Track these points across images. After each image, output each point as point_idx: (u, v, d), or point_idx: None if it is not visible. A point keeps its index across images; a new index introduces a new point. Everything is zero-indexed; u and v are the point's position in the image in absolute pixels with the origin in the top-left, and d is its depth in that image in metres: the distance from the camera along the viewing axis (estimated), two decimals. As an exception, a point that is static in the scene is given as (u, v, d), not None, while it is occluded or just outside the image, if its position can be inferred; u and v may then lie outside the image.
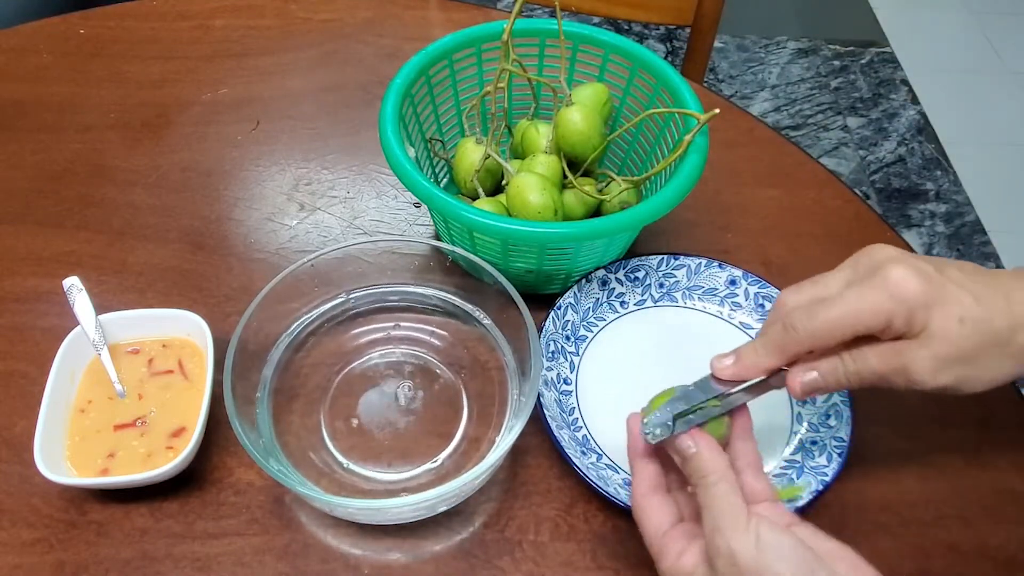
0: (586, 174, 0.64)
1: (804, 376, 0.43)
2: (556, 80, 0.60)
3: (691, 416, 0.42)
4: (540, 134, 0.62)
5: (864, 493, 0.53)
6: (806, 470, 0.51)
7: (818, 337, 0.42)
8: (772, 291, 0.59)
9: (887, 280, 0.41)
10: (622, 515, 0.51)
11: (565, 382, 0.56)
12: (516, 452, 0.54)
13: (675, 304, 0.61)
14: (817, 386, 0.43)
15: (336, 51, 0.84)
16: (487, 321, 0.58)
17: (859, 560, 0.37)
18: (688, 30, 1.01)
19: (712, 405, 0.43)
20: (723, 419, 0.43)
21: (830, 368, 0.43)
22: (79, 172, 0.71)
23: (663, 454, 0.44)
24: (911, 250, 0.48)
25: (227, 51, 0.84)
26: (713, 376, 0.45)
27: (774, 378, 0.44)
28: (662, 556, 0.41)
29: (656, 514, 0.42)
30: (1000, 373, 0.42)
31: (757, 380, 0.44)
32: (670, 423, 0.42)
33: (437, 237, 0.66)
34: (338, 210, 0.69)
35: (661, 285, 0.61)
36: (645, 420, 0.42)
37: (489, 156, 0.60)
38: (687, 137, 0.55)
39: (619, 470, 0.52)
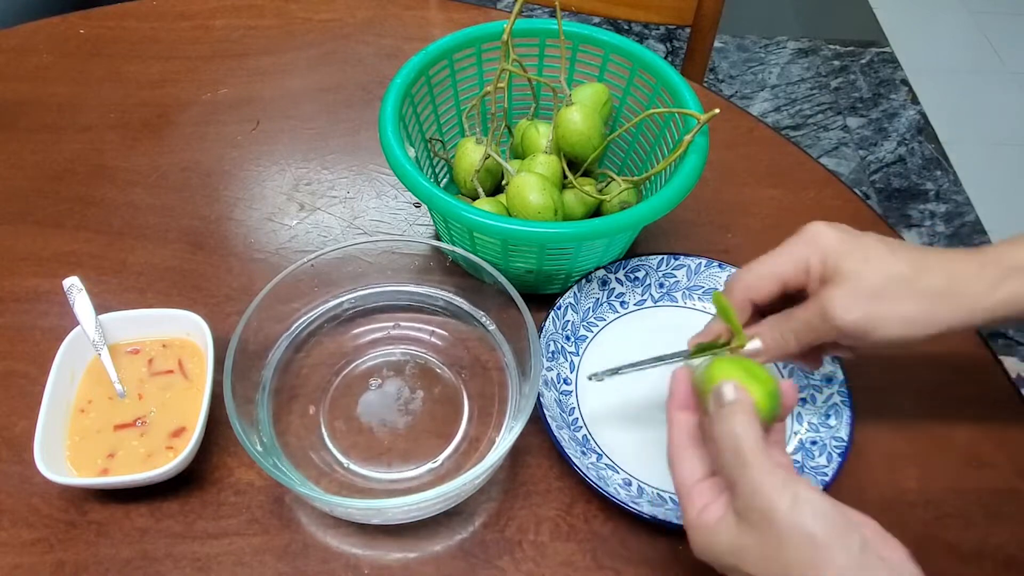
0: (586, 174, 0.64)
1: (750, 344, 0.47)
2: (556, 80, 0.60)
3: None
4: (540, 134, 0.62)
5: (864, 493, 0.53)
6: (806, 470, 0.51)
7: (747, 287, 0.47)
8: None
9: (806, 232, 0.46)
10: (622, 515, 0.51)
11: (565, 382, 0.56)
12: (516, 452, 0.54)
13: (675, 304, 0.61)
14: (759, 349, 0.47)
15: (336, 51, 0.84)
16: (487, 321, 0.58)
17: (884, 532, 0.38)
18: (688, 30, 1.01)
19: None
20: (775, 394, 0.43)
21: (768, 331, 0.47)
22: (79, 172, 0.71)
23: (699, 410, 0.44)
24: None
25: (227, 51, 0.84)
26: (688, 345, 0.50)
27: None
28: (688, 507, 0.41)
29: (688, 464, 0.42)
30: (905, 311, 0.44)
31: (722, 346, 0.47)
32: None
33: (437, 237, 0.66)
34: (338, 210, 0.69)
35: (661, 285, 0.61)
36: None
37: (489, 156, 0.60)
38: (687, 137, 0.55)
39: (619, 470, 0.52)
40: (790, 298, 0.47)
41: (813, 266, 0.45)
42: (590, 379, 0.52)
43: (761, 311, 0.48)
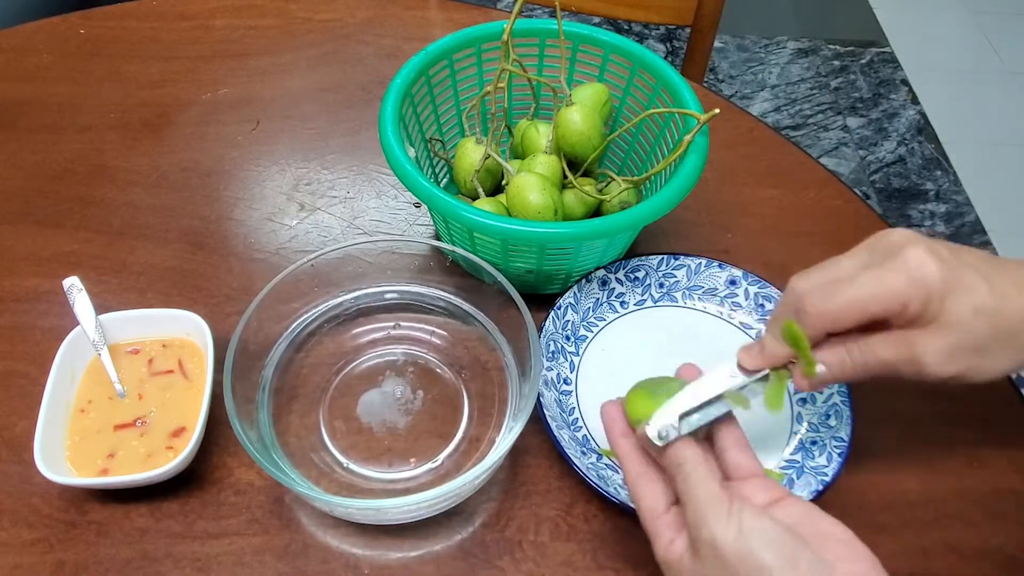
0: (586, 174, 0.64)
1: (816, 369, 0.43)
2: (556, 80, 0.60)
3: (695, 416, 0.42)
4: (540, 134, 0.62)
5: (864, 493, 0.53)
6: (806, 470, 0.51)
7: (833, 319, 0.41)
8: (772, 291, 0.59)
9: (906, 262, 0.40)
10: (622, 515, 0.51)
11: (565, 382, 0.56)
12: (516, 452, 0.54)
13: (675, 304, 0.61)
14: (824, 379, 0.43)
15: (336, 51, 0.84)
16: (487, 321, 0.58)
17: (852, 539, 0.37)
18: (688, 30, 1.01)
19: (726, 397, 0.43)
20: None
21: (836, 359, 0.42)
22: (79, 172, 0.71)
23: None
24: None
25: (227, 51, 0.84)
26: (739, 366, 0.44)
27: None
28: (655, 541, 0.40)
29: (649, 495, 0.42)
30: (1007, 364, 0.41)
31: (765, 373, 0.44)
32: (676, 424, 0.41)
33: (437, 237, 0.66)
34: (338, 210, 0.69)
35: (661, 285, 0.61)
36: (650, 422, 0.41)
37: (489, 156, 0.60)
38: (687, 137, 0.55)
39: (619, 470, 0.52)
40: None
41: (911, 306, 0.39)
42: (656, 438, 0.42)
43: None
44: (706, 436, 0.44)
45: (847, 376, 0.43)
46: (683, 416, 0.42)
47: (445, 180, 0.69)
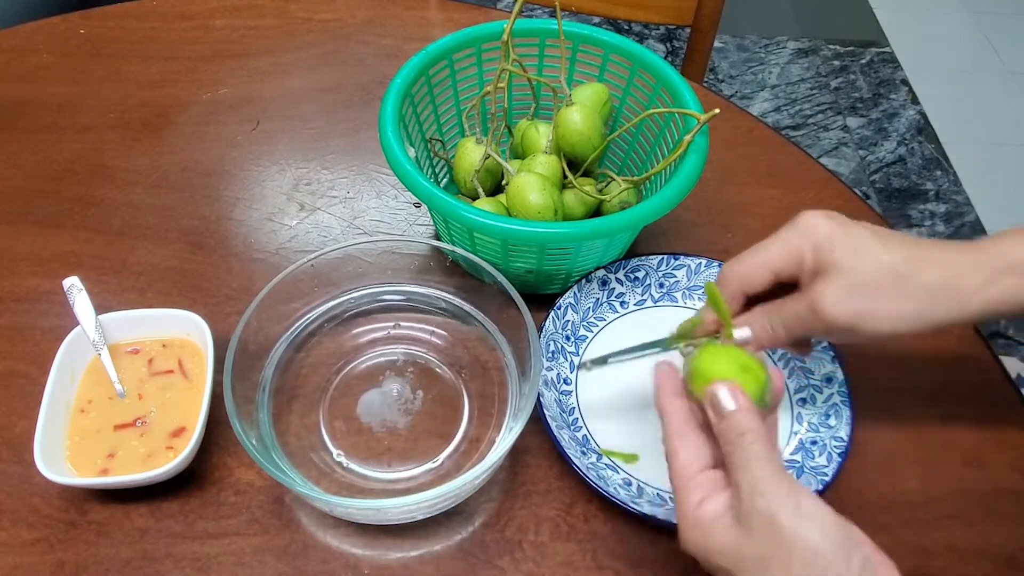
0: (586, 174, 0.64)
1: (736, 331, 0.46)
2: (556, 80, 0.60)
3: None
4: (540, 134, 0.62)
5: (864, 493, 0.53)
6: (806, 470, 0.51)
7: (742, 278, 0.46)
8: (772, 291, 0.59)
9: (799, 222, 0.45)
10: (622, 515, 0.51)
11: (565, 382, 0.56)
12: (516, 452, 0.54)
13: (675, 304, 0.61)
14: (748, 338, 0.46)
15: (336, 51, 0.84)
16: (487, 321, 0.58)
17: (878, 549, 0.37)
18: (688, 30, 1.01)
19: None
20: (766, 384, 0.42)
21: (759, 321, 0.46)
22: (79, 172, 0.71)
23: (691, 398, 0.43)
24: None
25: (227, 51, 0.84)
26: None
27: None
28: (683, 498, 0.40)
29: (689, 451, 0.41)
30: (901, 309, 0.43)
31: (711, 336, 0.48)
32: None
33: (437, 237, 0.66)
34: (338, 210, 0.69)
35: (661, 285, 0.61)
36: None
37: (489, 156, 0.60)
38: (687, 137, 0.55)
39: (619, 470, 0.52)
40: (783, 286, 0.47)
41: (806, 258, 0.44)
42: (579, 369, 0.51)
43: (752, 299, 0.48)
44: None
45: (771, 338, 0.46)
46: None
47: (445, 180, 0.69)
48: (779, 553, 0.35)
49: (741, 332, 0.46)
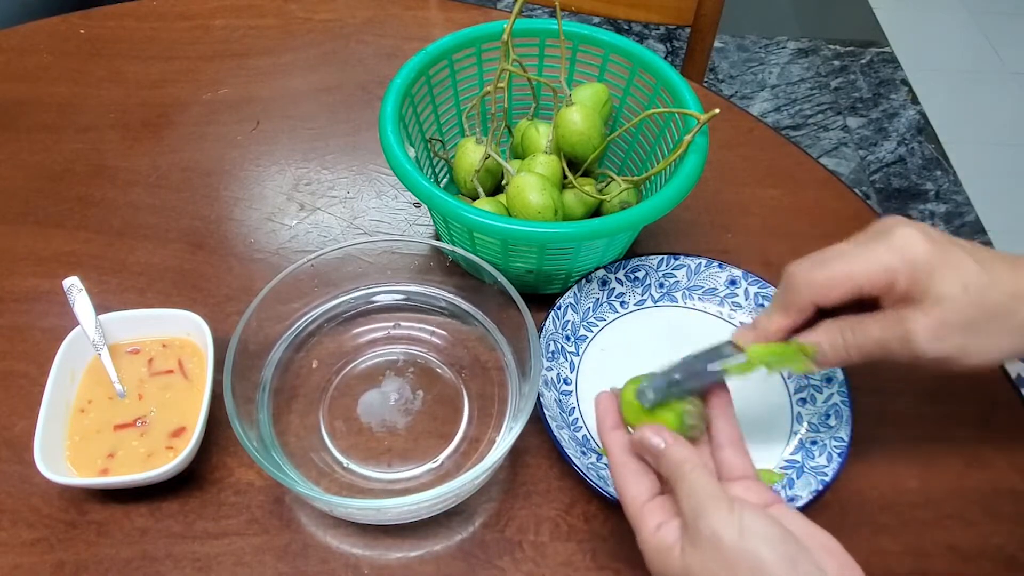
0: (586, 174, 0.64)
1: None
2: (556, 80, 0.60)
3: (687, 382, 0.44)
4: (540, 134, 0.62)
5: (864, 493, 0.53)
6: (806, 470, 0.51)
7: (819, 289, 0.41)
8: (772, 291, 0.59)
9: (893, 238, 0.41)
10: (622, 515, 0.51)
11: (565, 382, 0.56)
12: (516, 452, 0.54)
13: (675, 304, 0.61)
14: (823, 360, 0.43)
15: (336, 51, 0.84)
16: (487, 321, 0.58)
17: (841, 550, 0.37)
18: (688, 30, 1.01)
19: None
20: (702, 421, 0.44)
21: (830, 339, 0.42)
22: (79, 172, 0.71)
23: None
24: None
25: (227, 51, 0.84)
26: (732, 344, 0.45)
27: None
28: (640, 527, 0.40)
29: (634, 483, 0.42)
30: (1000, 346, 0.41)
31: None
32: (663, 387, 0.43)
33: (437, 237, 0.66)
34: (338, 210, 0.69)
35: (661, 285, 0.61)
36: (640, 385, 0.44)
37: (489, 156, 0.60)
38: (687, 137, 0.55)
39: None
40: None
41: (899, 279, 0.40)
42: (639, 397, 0.44)
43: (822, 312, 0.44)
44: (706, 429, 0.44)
45: (843, 357, 0.43)
46: (671, 385, 0.43)
47: (445, 180, 0.69)
48: (725, 569, 0.36)
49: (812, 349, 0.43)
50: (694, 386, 0.44)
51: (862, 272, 0.41)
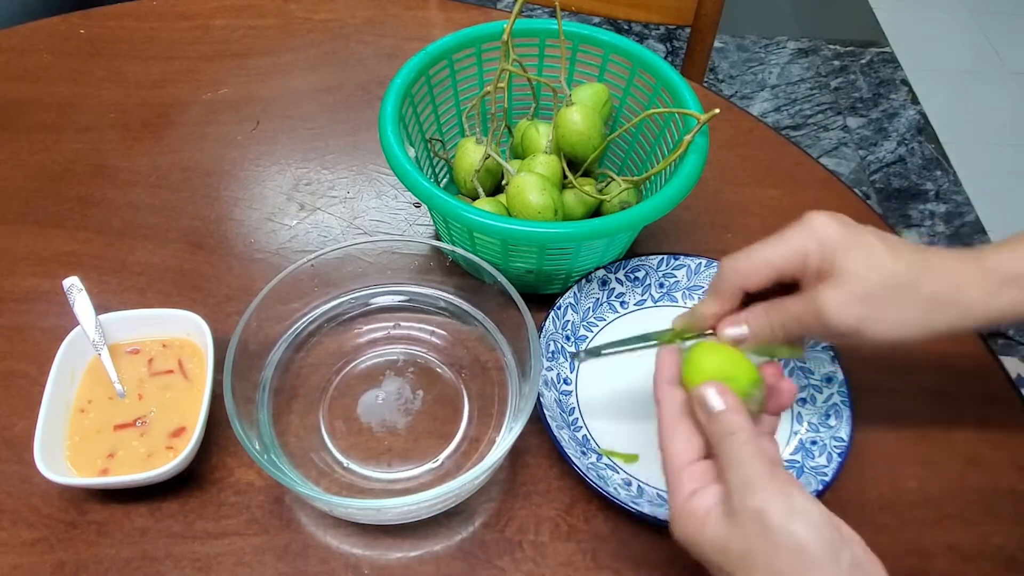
0: (586, 174, 0.64)
1: (733, 329, 0.46)
2: (556, 80, 0.60)
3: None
4: (540, 134, 0.62)
5: (864, 493, 0.53)
6: (806, 470, 0.51)
7: (743, 274, 0.45)
8: (772, 291, 0.59)
9: (807, 222, 0.44)
10: (622, 515, 0.51)
11: (565, 382, 0.56)
12: (516, 452, 0.54)
13: (675, 304, 0.61)
14: (744, 336, 0.46)
15: (336, 51, 0.84)
16: (487, 321, 0.58)
17: (867, 547, 0.37)
18: (688, 30, 1.01)
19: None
20: (758, 383, 0.43)
21: (756, 318, 0.45)
22: (79, 172, 0.71)
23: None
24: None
25: (227, 51, 0.84)
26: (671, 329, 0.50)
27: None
28: (676, 490, 0.40)
29: (681, 441, 0.41)
30: (904, 319, 0.43)
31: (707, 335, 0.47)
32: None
33: (437, 237, 0.66)
34: (338, 210, 0.69)
35: (661, 285, 0.61)
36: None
37: (489, 156, 0.60)
38: (687, 137, 0.55)
39: (619, 470, 0.52)
40: (782, 286, 0.46)
41: (811, 259, 0.44)
42: (573, 359, 0.51)
43: (751, 297, 0.47)
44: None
45: (767, 335, 0.45)
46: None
47: (445, 180, 0.69)
48: (765, 547, 0.35)
49: (737, 330, 0.46)
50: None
51: (779, 256, 0.44)
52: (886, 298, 0.43)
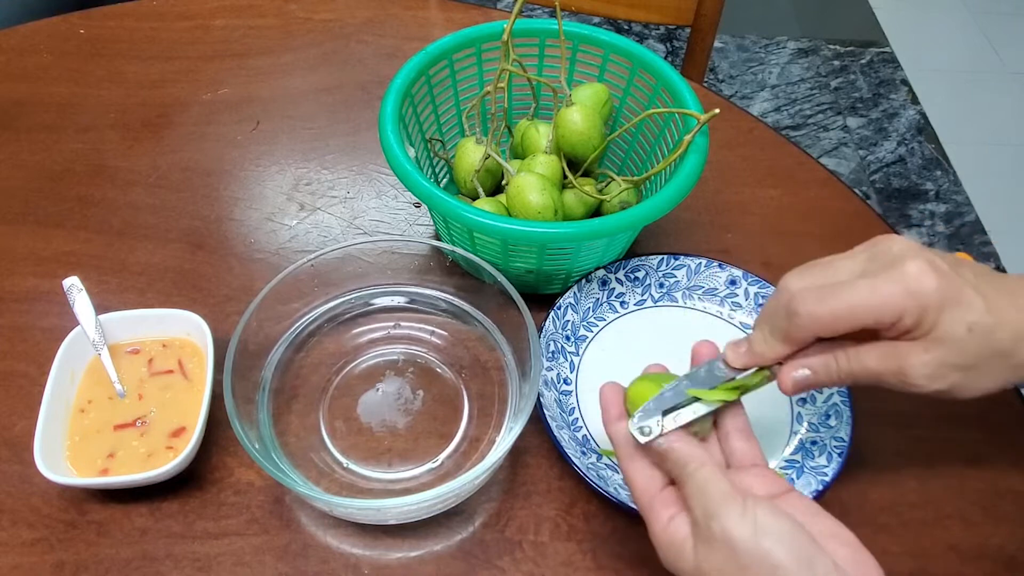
0: (586, 174, 0.64)
1: (796, 372, 0.42)
2: (556, 80, 0.60)
3: (680, 410, 0.42)
4: (540, 134, 0.62)
5: (864, 493, 0.53)
6: (806, 470, 0.51)
7: (824, 325, 0.40)
8: (772, 291, 0.59)
9: (905, 274, 0.39)
10: (622, 515, 0.51)
11: (565, 382, 0.56)
12: (516, 452, 0.54)
13: (675, 304, 0.61)
14: (808, 383, 0.42)
15: (336, 51, 0.84)
16: (487, 321, 0.58)
17: (856, 542, 0.37)
18: (688, 30, 1.01)
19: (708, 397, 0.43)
20: (708, 418, 0.43)
21: (822, 365, 0.41)
22: (79, 172, 0.71)
23: None
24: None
25: (227, 51, 0.84)
26: (724, 361, 0.44)
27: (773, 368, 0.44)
28: (652, 520, 0.40)
29: (642, 477, 0.41)
30: (997, 382, 0.41)
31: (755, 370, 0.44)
32: (659, 420, 0.41)
33: (437, 237, 0.66)
34: (338, 210, 0.69)
35: (661, 285, 0.61)
36: (633, 417, 0.42)
37: (489, 156, 0.60)
38: (687, 137, 0.55)
39: (619, 470, 0.52)
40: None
41: (906, 320, 0.38)
42: (638, 432, 0.42)
43: None
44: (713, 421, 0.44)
45: (831, 382, 0.42)
46: (667, 412, 0.41)
47: (445, 180, 0.69)
48: (740, 571, 0.35)
49: (800, 372, 0.42)
50: (689, 420, 0.42)
51: (867, 311, 0.39)
52: (981, 366, 0.40)
